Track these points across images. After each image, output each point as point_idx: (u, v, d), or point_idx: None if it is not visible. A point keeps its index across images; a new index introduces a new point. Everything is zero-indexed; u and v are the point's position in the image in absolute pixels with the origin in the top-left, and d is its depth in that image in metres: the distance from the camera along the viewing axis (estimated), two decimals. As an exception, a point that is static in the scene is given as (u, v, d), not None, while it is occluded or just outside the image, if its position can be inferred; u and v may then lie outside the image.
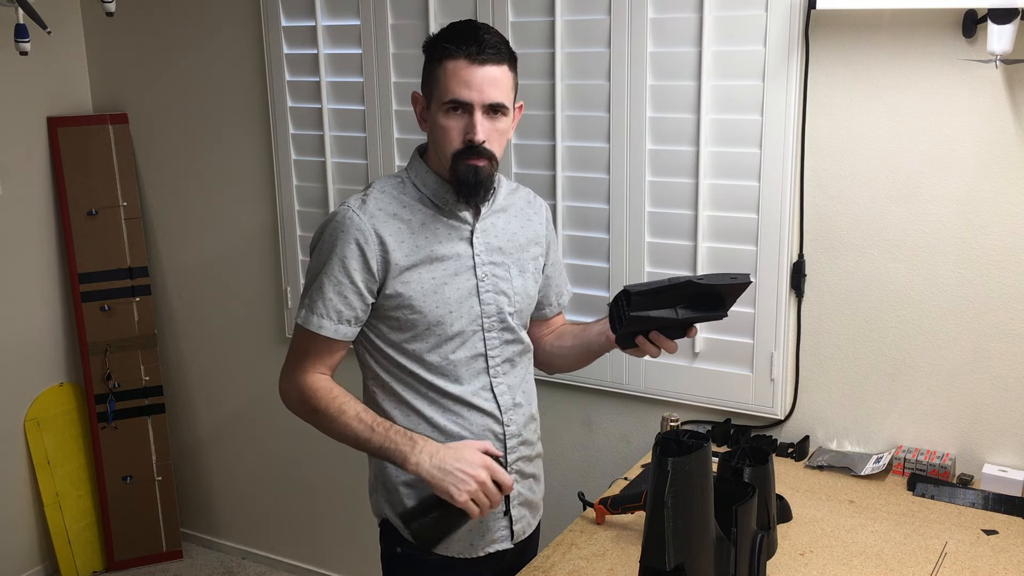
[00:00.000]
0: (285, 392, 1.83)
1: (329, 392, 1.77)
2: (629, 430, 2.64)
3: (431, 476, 1.66)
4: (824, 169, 2.27)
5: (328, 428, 1.77)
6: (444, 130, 1.72)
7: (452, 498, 1.64)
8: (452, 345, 1.79)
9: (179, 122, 3.33)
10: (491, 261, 1.82)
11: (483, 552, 1.89)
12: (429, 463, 1.66)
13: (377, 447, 1.72)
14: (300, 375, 1.79)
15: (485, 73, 1.68)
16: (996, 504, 2.07)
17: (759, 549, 1.68)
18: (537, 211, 1.95)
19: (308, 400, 1.78)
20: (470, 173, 1.72)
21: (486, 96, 1.69)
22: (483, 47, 1.68)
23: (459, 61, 1.68)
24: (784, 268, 2.32)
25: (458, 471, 1.65)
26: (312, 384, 1.78)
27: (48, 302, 3.43)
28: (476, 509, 1.65)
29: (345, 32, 2.84)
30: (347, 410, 1.74)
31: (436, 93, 1.72)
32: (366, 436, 1.72)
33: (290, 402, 1.83)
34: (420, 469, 1.67)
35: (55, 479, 3.44)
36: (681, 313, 1.69)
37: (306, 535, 3.45)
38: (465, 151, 1.71)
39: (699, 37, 2.31)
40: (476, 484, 1.64)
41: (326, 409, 1.76)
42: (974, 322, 2.18)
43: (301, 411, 1.81)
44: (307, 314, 1.76)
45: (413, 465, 1.67)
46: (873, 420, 2.33)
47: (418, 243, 1.75)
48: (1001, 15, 1.91)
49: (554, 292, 2.02)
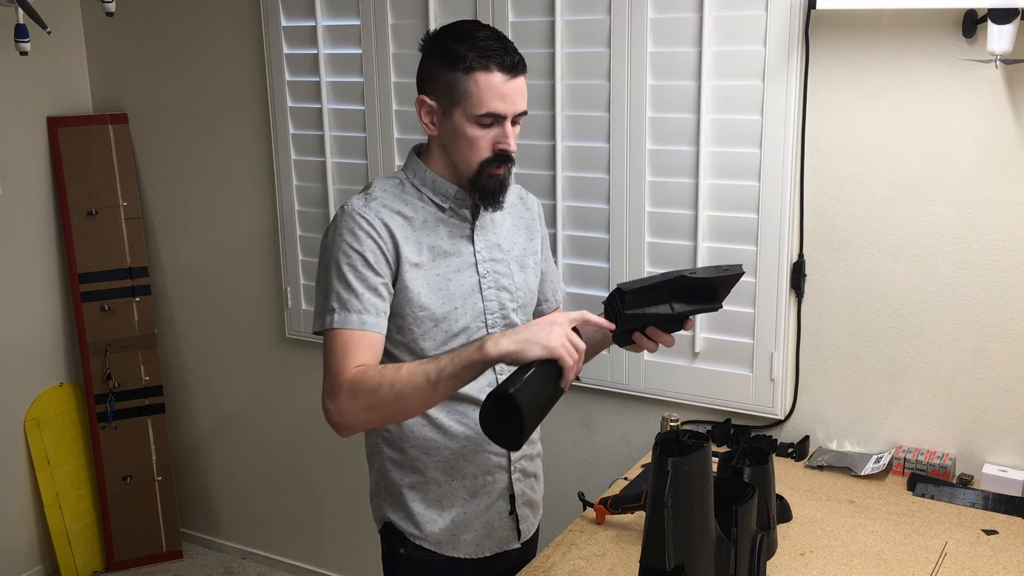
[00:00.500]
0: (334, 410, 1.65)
1: (376, 368, 1.64)
2: (629, 430, 2.64)
3: (516, 344, 1.53)
4: (824, 169, 2.27)
5: (395, 396, 1.60)
6: (472, 140, 1.70)
7: (547, 349, 1.53)
8: (457, 342, 1.79)
9: (179, 122, 3.33)
10: (492, 258, 1.82)
11: (490, 553, 1.90)
12: (507, 339, 1.54)
13: (450, 366, 1.57)
14: (343, 377, 1.64)
15: (517, 85, 1.69)
16: (996, 504, 2.07)
17: (759, 549, 1.68)
18: (529, 207, 1.95)
19: (361, 388, 1.62)
20: (496, 183, 1.73)
21: (518, 107, 1.70)
22: (514, 58, 1.68)
23: (494, 74, 1.66)
24: (784, 268, 2.32)
25: (538, 329, 1.54)
26: (356, 374, 1.64)
27: (48, 302, 3.43)
28: (568, 356, 1.54)
29: (345, 32, 2.84)
30: (400, 367, 1.61)
31: (465, 104, 1.68)
32: (434, 366, 1.58)
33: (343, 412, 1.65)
34: (500, 347, 1.54)
35: (55, 479, 3.44)
36: (676, 308, 1.68)
37: (306, 535, 3.45)
38: (495, 159, 1.71)
39: (699, 37, 2.31)
40: (558, 327, 1.54)
41: (383, 379, 1.61)
42: (974, 322, 2.18)
43: (359, 407, 1.63)
44: (343, 315, 1.67)
45: (492, 349, 1.54)
46: (873, 420, 2.33)
47: (421, 240, 1.76)
48: (1001, 15, 1.91)
49: (550, 287, 2.02)
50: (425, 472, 1.82)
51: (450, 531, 1.85)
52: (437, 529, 1.84)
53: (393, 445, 1.83)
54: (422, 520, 1.83)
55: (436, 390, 1.59)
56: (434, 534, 1.84)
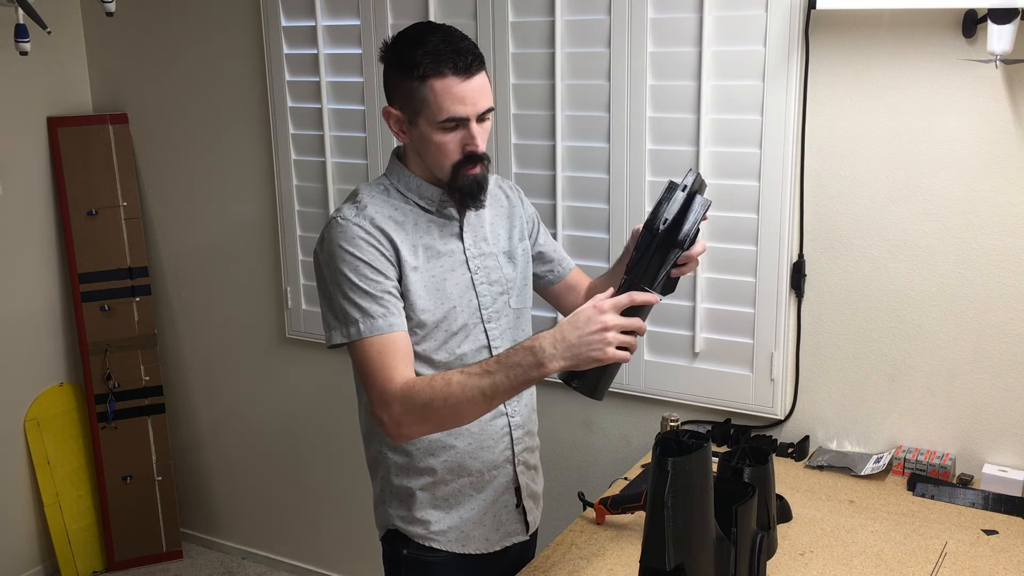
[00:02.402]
0: (389, 420, 1.64)
1: (423, 380, 1.62)
2: (629, 430, 2.64)
3: (571, 361, 1.53)
4: (824, 169, 2.27)
5: (449, 410, 1.60)
6: (440, 145, 1.70)
7: (601, 361, 1.53)
8: (457, 339, 1.79)
9: (179, 122, 3.33)
10: (480, 253, 1.83)
11: (499, 547, 1.91)
12: (561, 354, 1.53)
13: (506, 383, 1.56)
14: (392, 388, 1.63)
15: (475, 85, 1.67)
16: (996, 504, 2.07)
17: (759, 549, 1.68)
18: (508, 194, 1.95)
19: (413, 402, 1.61)
20: (473, 184, 1.72)
21: (479, 106, 1.68)
22: (467, 59, 1.66)
23: (447, 79, 1.64)
24: (784, 268, 2.32)
25: (587, 338, 1.52)
26: (406, 386, 1.63)
27: (48, 302, 3.43)
28: (625, 354, 1.54)
29: (345, 32, 2.84)
30: (452, 378, 1.59)
31: (426, 112, 1.67)
32: (489, 383, 1.56)
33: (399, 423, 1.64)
34: (556, 364, 1.53)
35: (55, 479, 3.44)
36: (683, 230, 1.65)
37: (306, 535, 3.45)
38: (466, 161, 1.71)
39: (699, 37, 2.31)
40: (610, 334, 1.52)
41: (434, 394, 1.59)
42: (974, 322, 2.18)
43: (414, 420, 1.63)
44: (368, 323, 1.66)
45: (550, 368, 1.54)
46: (873, 420, 2.33)
47: (416, 242, 1.76)
48: (1001, 15, 1.91)
49: (556, 254, 2.02)
50: (433, 473, 1.82)
51: (460, 528, 1.85)
52: (447, 527, 1.84)
53: (398, 450, 1.83)
54: (432, 520, 1.84)
55: (492, 403, 1.60)
56: (444, 532, 1.84)
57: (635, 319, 1.54)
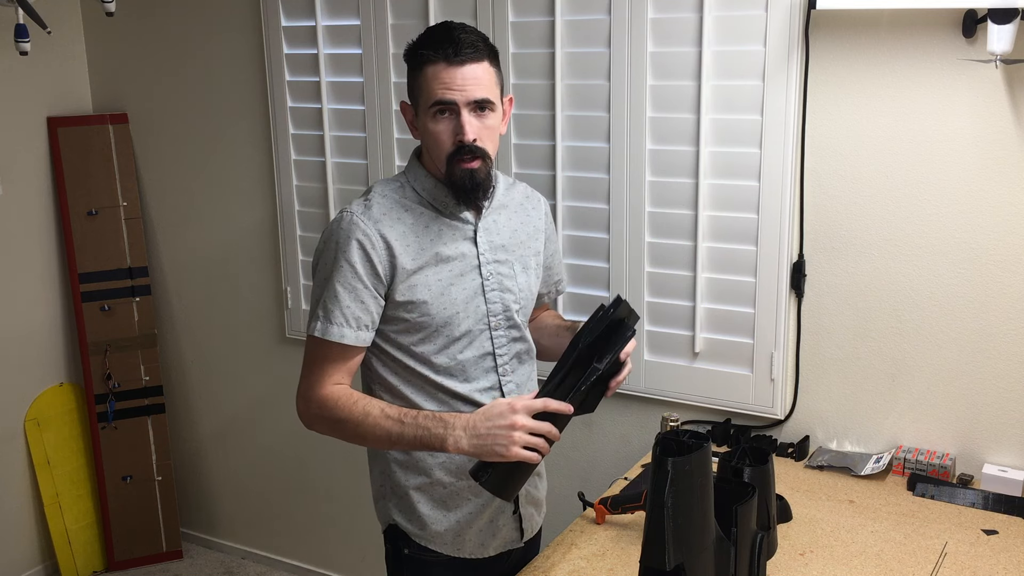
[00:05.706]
0: (304, 412, 1.77)
1: (349, 398, 1.72)
2: (629, 430, 2.64)
3: (475, 449, 1.61)
4: (824, 169, 2.27)
5: (355, 434, 1.72)
6: (434, 134, 1.72)
7: (505, 458, 1.59)
8: (460, 345, 1.79)
9: (179, 122, 3.33)
10: (495, 259, 1.82)
11: (494, 552, 1.90)
12: (467, 439, 1.61)
13: (411, 439, 1.66)
14: (318, 390, 1.74)
15: (465, 72, 1.69)
16: (996, 504, 2.07)
17: (759, 549, 1.68)
18: (536, 205, 1.95)
19: (330, 412, 1.73)
20: (466, 178, 1.72)
21: (469, 94, 1.69)
22: (460, 47, 1.68)
23: (438, 64, 1.68)
24: (784, 268, 2.32)
25: (495, 431, 1.59)
26: (331, 395, 1.73)
27: (48, 302, 3.43)
28: (531, 455, 1.60)
29: (345, 32, 2.84)
30: (371, 411, 1.69)
31: (421, 99, 1.72)
32: (397, 431, 1.67)
33: (311, 420, 1.77)
34: (460, 447, 1.62)
35: (55, 479, 3.44)
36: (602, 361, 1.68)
37: (306, 535, 3.45)
38: (457, 152, 1.71)
39: (699, 37, 2.31)
40: (517, 433, 1.58)
41: (349, 416, 1.71)
42: (974, 322, 2.18)
43: (324, 426, 1.76)
44: (324, 325, 1.72)
45: (452, 447, 1.62)
46: (873, 420, 2.33)
47: (423, 245, 1.75)
48: (1001, 15, 1.91)
49: (553, 279, 2.03)
50: (431, 473, 1.82)
51: (455, 531, 1.85)
52: (442, 529, 1.84)
53: None
54: (428, 520, 1.84)
55: (394, 447, 1.74)
56: (439, 534, 1.84)
57: (546, 424, 1.61)
